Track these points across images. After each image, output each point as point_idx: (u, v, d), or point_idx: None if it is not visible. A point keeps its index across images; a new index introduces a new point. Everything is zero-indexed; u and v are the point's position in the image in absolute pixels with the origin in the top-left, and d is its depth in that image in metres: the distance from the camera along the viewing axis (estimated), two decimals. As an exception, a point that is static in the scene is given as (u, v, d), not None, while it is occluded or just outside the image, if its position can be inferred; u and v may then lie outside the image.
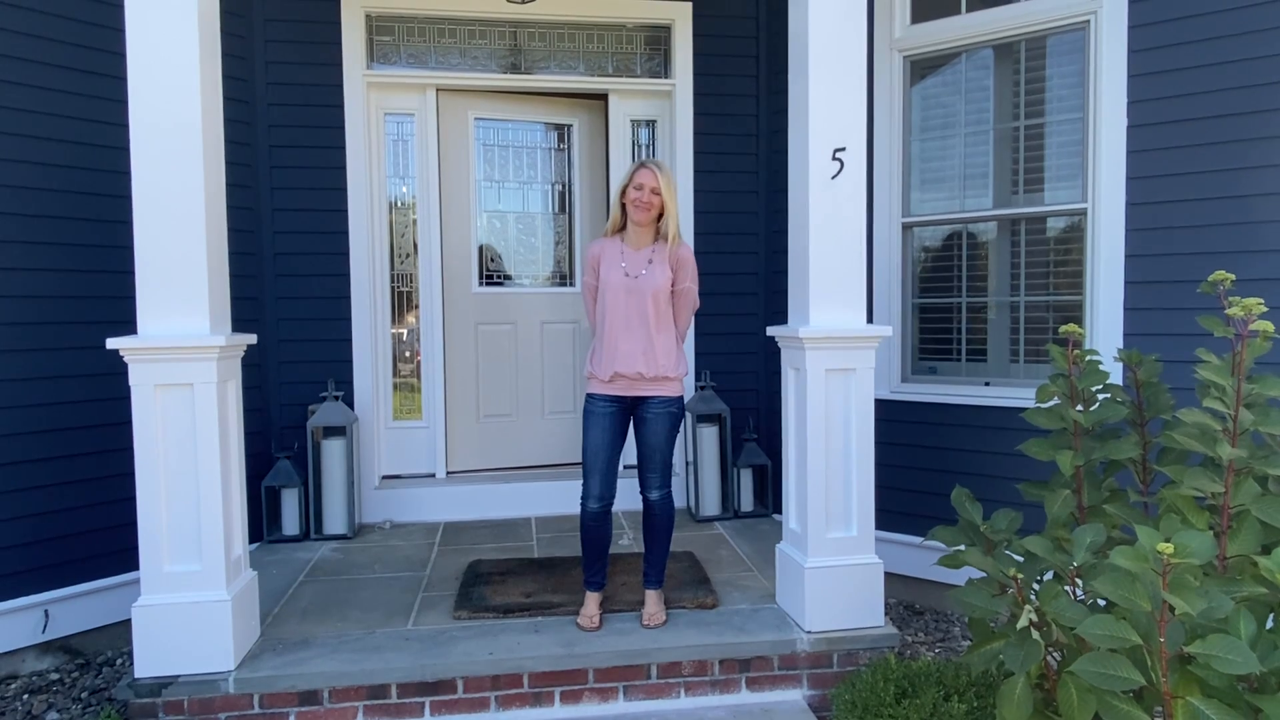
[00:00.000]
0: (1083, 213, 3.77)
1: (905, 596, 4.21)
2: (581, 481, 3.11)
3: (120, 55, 2.74)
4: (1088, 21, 3.69)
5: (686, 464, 4.70)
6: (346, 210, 4.49)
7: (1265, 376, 2.24)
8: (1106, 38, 3.62)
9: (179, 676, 2.73)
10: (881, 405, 3.85)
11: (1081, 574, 2.10)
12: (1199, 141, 3.46)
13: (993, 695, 2.50)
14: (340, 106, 4.46)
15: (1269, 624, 1.95)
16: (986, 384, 4.09)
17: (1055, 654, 2.25)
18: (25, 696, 3.31)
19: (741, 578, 3.64)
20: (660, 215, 3.09)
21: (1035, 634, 2.04)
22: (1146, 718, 1.87)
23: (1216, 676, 1.80)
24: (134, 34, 2.67)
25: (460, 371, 4.91)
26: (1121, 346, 3.49)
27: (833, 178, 3.04)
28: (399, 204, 4.78)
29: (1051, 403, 2.62)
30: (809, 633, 3.03)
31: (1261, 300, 2.20)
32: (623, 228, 3.17)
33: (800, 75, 3.10)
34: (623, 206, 3.12)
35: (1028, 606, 2.05)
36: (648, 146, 4.96)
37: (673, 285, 3.11)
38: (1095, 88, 3.67)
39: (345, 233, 4.50)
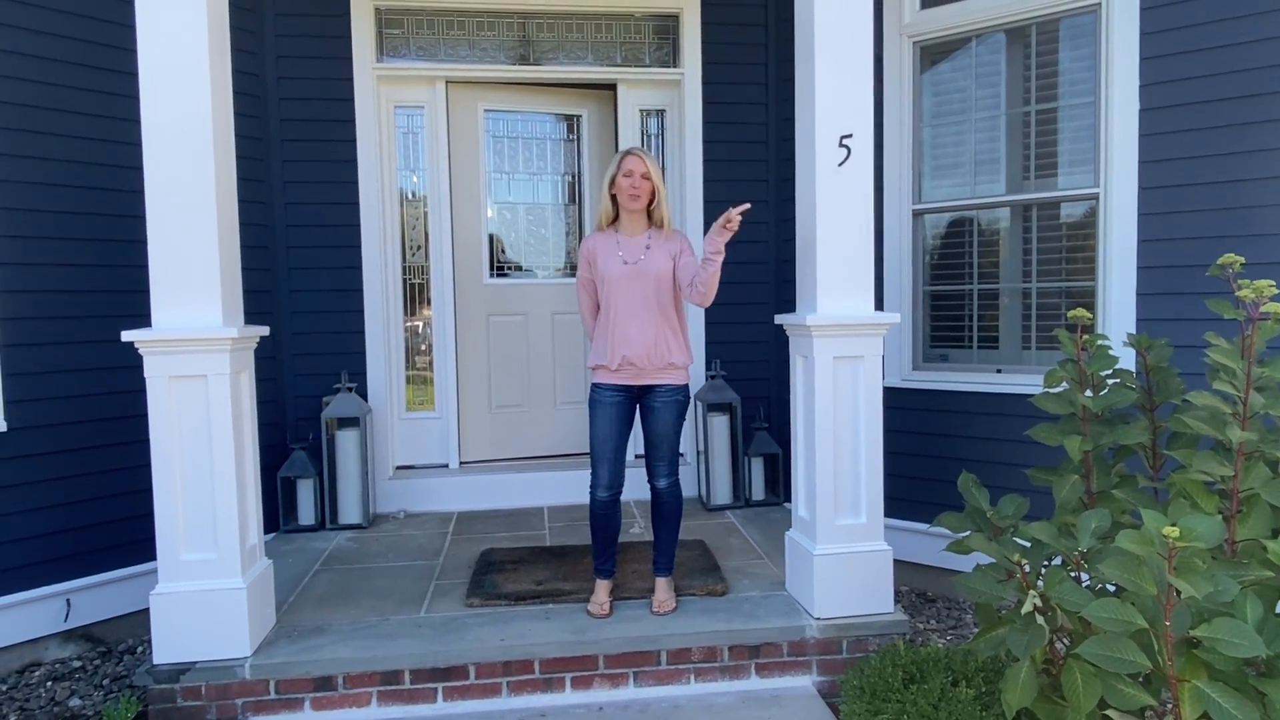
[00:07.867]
0: (1095, 198, 3.73)
1: (917, 584, 4.20)
2: (590, 471, 3.13)
3: (132, 51, 2.77)
4: (1099, 4, 3.65)
5: (697, 453, 4.71)
6: (358, 203, 4.52)
7: (1276, 359, 2.22)
8: (1118, 20, 3.58)
9: (196, 663, 2.78)
10: (893, 393, 3.85)
11: (1087, 559, 2.10)
12: (1212, 124, 3.41)
13: (1000, 680, 2.50)
14: (351, 100, 4.49)
15: (1277, 608, 1.94)
16: (998, 371, 4.07)
17: (1062, 639, 2.25)
18: (49, 683, 3.38)
19: (752, 565, 3.65)
20: (651, 201, 3.09)
21: (1040, 619, 2.04)
22: (1152, 701, 1.87)
23: (1223, 660, 1.80)
24: (144, 30, 2.70)
25: (472, 362, 4.94)
26: (1134, 332, 3.45)
27: (840, 165, 3.03)
28: (410, 196, 4.81)
29: (1060, 388, 2.61)
30: (818, 619, 3.04)
31: (1273, 282, 2.18)
32: (614, 219, 3.17)
33: (806, 61, 3.08)
34: (612, 198, 3.12)
35: (1032, 591, 2.04)
36: (657, 136, 4.95)
37: (676, 273, 3.09)
38: (1107, 71, 3.63)
39: (357, 225, 4.53)
